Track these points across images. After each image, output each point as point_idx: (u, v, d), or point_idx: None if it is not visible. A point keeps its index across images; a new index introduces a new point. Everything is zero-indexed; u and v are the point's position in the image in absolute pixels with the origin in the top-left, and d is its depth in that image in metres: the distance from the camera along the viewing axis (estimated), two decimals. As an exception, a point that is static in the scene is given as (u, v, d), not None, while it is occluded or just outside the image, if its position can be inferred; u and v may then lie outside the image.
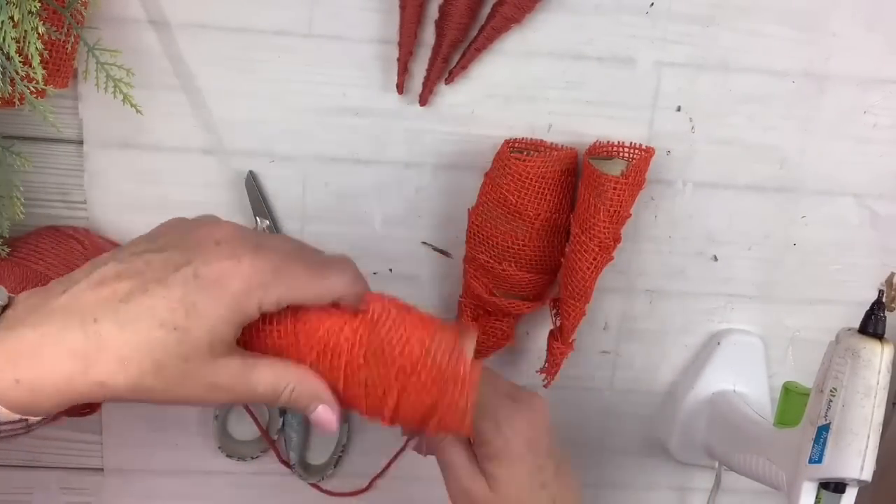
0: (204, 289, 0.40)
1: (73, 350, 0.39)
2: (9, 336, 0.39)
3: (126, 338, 0.39)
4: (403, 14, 0.57)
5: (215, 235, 0.42)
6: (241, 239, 0.42)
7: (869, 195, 0.64)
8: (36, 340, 0.39)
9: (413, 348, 0.43)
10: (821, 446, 0.50)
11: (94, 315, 0.39)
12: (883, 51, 0.61)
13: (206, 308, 0.40)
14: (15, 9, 0.46)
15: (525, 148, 0.59)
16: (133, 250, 0.42)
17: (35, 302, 0.41)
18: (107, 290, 0.40)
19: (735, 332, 0.66)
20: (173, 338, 0.39)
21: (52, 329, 0.39)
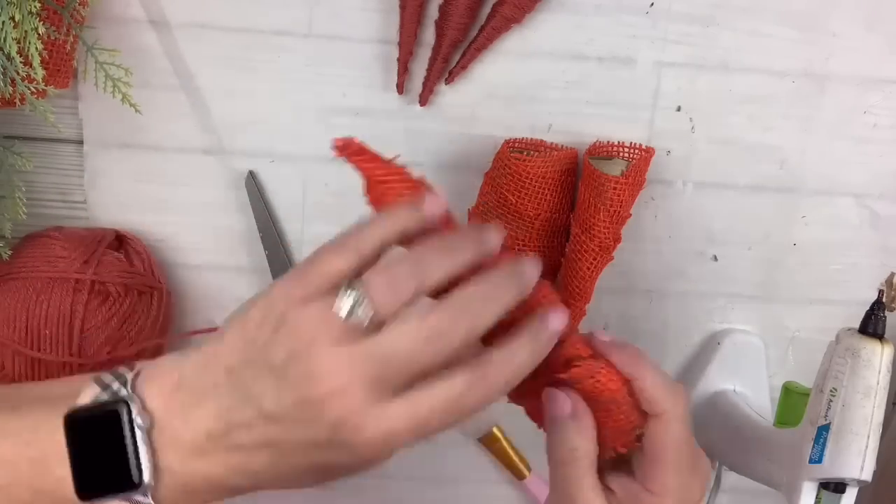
0: (338, 444, 0.37)
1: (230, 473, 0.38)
2: (179, 473, 0.38)
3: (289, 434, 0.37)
4: (403, 14, 0.57)
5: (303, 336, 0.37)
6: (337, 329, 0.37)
7: (869, 195, 0.64)
8: (201, 479, 0.38)
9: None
10: (821, 446, 0.50)
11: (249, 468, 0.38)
12: (883, 51, 0.61)
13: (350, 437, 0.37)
14: (15, 9, 0.46)
15: (525, 148, 0.59)
16: (241, 377, 0.38)
17: (180, 421, 0.38)
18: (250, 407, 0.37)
19: (735, 332, 0.66)
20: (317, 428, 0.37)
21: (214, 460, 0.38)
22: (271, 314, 0.38)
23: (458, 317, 0.37)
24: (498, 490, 0.70)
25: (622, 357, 0.42)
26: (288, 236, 0.62)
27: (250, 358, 0.38)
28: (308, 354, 0.36)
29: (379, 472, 0.69)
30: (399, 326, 0.37)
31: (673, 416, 0.42)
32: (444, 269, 0.38)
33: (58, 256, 0.55)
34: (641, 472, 0.43)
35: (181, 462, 0.38)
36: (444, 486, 0.69)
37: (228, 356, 0.38)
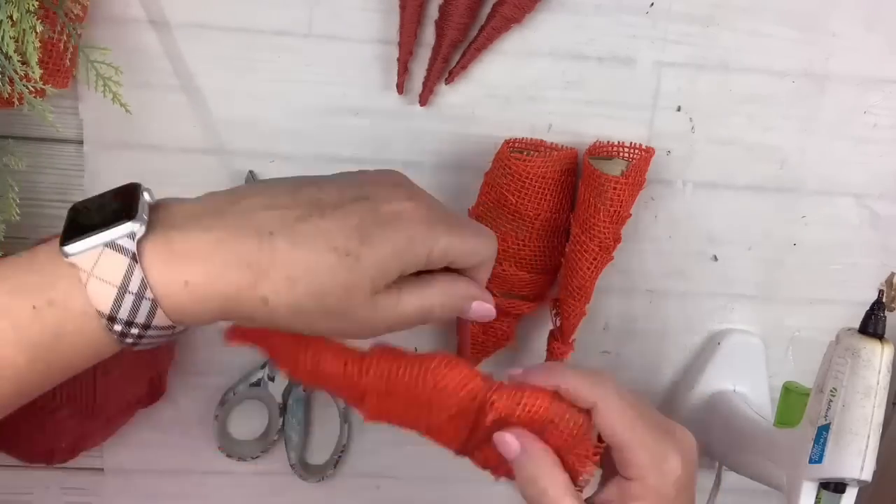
0: (382, 223, 0.39)
1: (246, 260, 0.37)
2: (178, 237, 0.38)
3: (298, 255, 0.38)
4: (403, 14, 0.57)
5: (393, 178, 0.42)
6: (418, 187, 0.42)
7: (869, 195, 0.64)
8: (210, 244, 0.38)
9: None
10: (821, 446, 0.50)
11: (270, 228, 0.38)
12: (883, 51, 0.61)
13: (381, 241, 0.39)
14: (13, 8, 0.46)
15: (525, 148, 0.59)
16: (307, 180, 0.41)
17: (198, 208, 0.40)
18: (281, 211, 0.39)
19: (735, 332, 0.66)
20: (343, 264, 0.38)
21: (226, 235, 0.38)
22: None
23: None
24: (498, 490, 0.70)
25: (538, 376, 0.43)
26: (288, 236, 0.62)
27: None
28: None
29: (379, 472, 0.69)
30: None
31: (605, 402, 0.43)
32: None
33: None
34: (619, 465, 0.43)
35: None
36: (444, 486, 0.69)
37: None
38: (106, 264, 0.36)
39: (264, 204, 0.39)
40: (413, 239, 0.40)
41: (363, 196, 0.40)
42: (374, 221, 0.39)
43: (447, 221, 0.41)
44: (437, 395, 0.43)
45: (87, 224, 0.38)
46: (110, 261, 0.36)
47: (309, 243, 0.38)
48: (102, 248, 0.37)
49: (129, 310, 0.37)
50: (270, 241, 0.38)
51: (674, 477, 0.43)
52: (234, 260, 0.37)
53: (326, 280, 0.38)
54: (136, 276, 0.37)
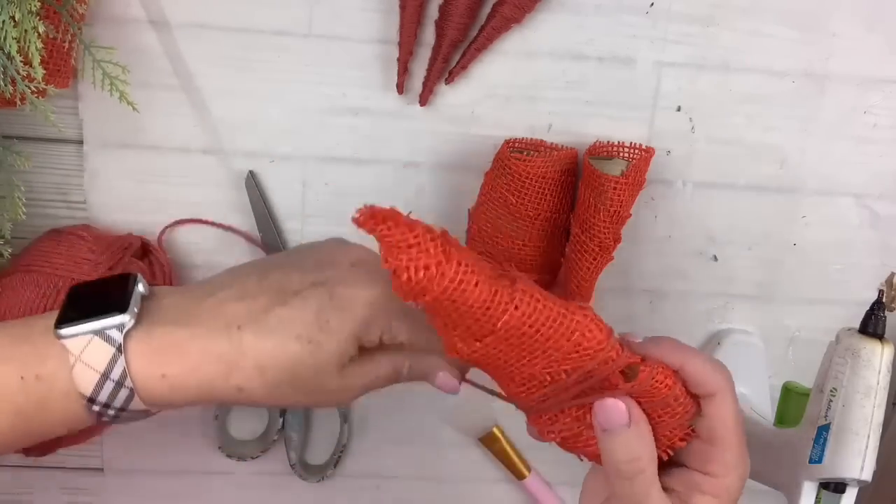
0: (338, 308, 0.42)
1: (217, 354, 0.41)
2: (159, 331, 0.41)
3: (264, 346, 0.41)
4: (403, 14, 0.57)
5: (351, 257, 0.44)
6: (377, 264, 0.41)
7: (869, 195, 0.64)
8: (185, 339, 0.41)
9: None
10: (821, 446, 0.50)
11: (238, 323, 0.41)
12: (883, 51, 0.61)
13: (337, 325, 0.41)
14: (16, 8, 0.46)
15: (525, 148, 0.59)
16: (274, 263, 0.45)
17: (180, 301, 0.43)
18: (249, 302, 0.42)
19: (735, 332, 0.66)
20: (306, 350, 0.41)
21: (200, 331, 0.41)
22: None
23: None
24: (498, 490, 0.70)
25: (664, 350, 0.42)
26: (288, 236, 0.62)
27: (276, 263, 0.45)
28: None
29: (379, 472, 0.69)
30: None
31: (726, 392, 0.42)
32: None
33: (84, 258, 0.55)
34: (699, 458, 0.42)
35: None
36: (444, 486, 0.69)
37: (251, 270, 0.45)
38: (93, 351, 0.40)
39: (235, 296, 0.43)
40: (367, 321, 0.42)
41: (322, 281, 0.42)
42: (332, 306, 0.42)
43: (406, 311, 0.43)
44: (568, 347, 0.38)
45: (82, 308, 0.41)
46: (97, 349, 0.40)
47: (274, 334, 0.41)
48: (92, 335, 0.40)
49: (108, 394, 0.40)
50: (239, 335, 0.41)
51: (742, 484, 0.44)
52: (206, 355, 0.41)
53: (293, 366, 0.41)
54: (118, 366, 0.40)
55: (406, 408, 0.66)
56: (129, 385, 0.40)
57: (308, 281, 0.42)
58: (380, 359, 0.44)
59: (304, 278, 0.43)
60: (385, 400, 0.66)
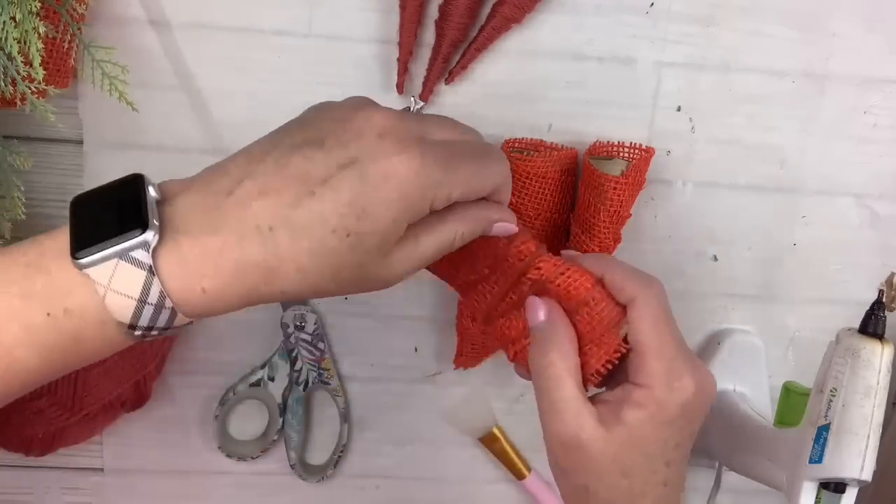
0: (374, 191, 0.38)
1: (255, 262, 0.38)
2: (188, 244, 0.37)
3: (301, 247, 0.38)
4: (403, 14, 0.57)
5: (376, 126, 0.39)
6: (406, 130, 0.39)
7: (869, 195, 0.64)
8: (217, 250, 0.37)
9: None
10: (821, 446, 0.50)
11: (268, 223, 0.38)
12: (883, 51, 0.61)
13: (377, 212, 0.38)
14: (16, 9, 0.46)
15: (525, 148, 0.59)
16: (290, 142, 0.40)
17: (200, 202, 0.39)
18: (273, 197, 0.38)
19: (735, 332, 0.66)
20: (347, 244, 0.38)
21: (231, 238, 0.38)
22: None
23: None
24: (498, 490, 0.70)
25: (590, 260, 0.44)
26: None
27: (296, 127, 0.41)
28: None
29: (379, 472, 0.69)
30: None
31: (646, 299, 0.42)
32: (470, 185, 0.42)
33: None
34: (630, 369, 0.43)
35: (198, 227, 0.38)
36: (444, 486, 0.69)
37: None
38: (123, 277, 0.36)
39: (257, 190, 0.38)
40: (409, 198, 0.39)
41: (349, 160, 0.38)
42: (366, 190, 0.38)
43: (445, 164, 0.39)
44: (493, 247, 0.44)
45: (95, 226, 0.37)
46: (127, 274, 0.36)
47: (308, 232, 0.38)
48: (118, 260, 0.36)
49: (149, 318, 0.37)
50: (272, 237, 0.38)
51: (682, 398, 0.42)
52: (243, 264, 0.38)
53: (334, 262, 0.38)
54: (154, 288, 0.37)
55: (406, 408, 0.66)
56: (168, 306, 0.37)
57: (334, 163, 0.38)
58: (426, 238, 0.41)
59: (328, 160, 0.38)
60: (385, 400, 0.66)
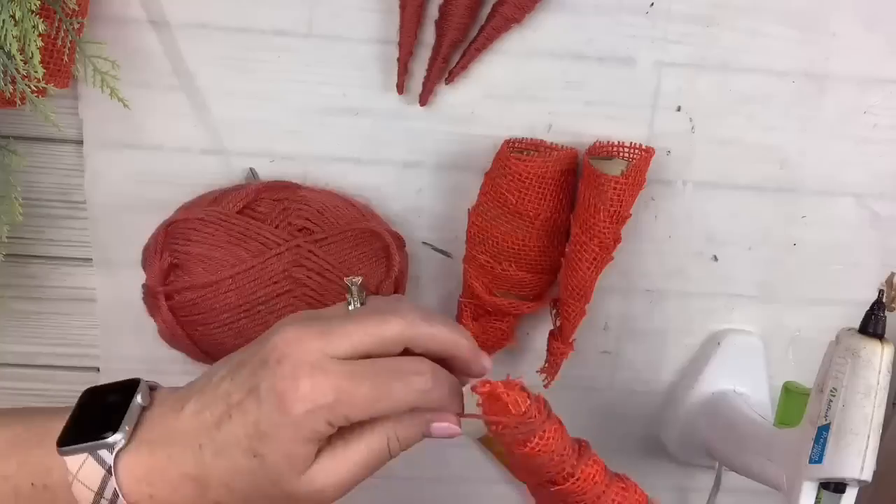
0: (269, 414, 0.40)
1: (190, 475, 0.42)
2: (145, 452, 0.42)
3: (222, 465, 0.41)
4: (403, 14, 0.57)
5: (276, 351, 0.41)
6: (303, 353, 0.41)
7: (869, 195, 0.64)
8: (164, 461, 0.42)
9: None
10: (821, 446, 0.50)
11: (199, 441, 0.42)
12: (883, 51, 0.61)
13: (274, 433, 0.40)
14: (16, 7, 0.46)
15: (525, 148, 0.59)
16: (231, 364, 0.43)
17: (165, 414, 0.43)
18: (206, 415, 0.42)
19: (735, 332, 0.66)
20: (256, 463, 0.41)
21: (175, 451, 0.42)
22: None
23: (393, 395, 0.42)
24: (498, 490, 0.70)
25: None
26: (288, 236, 0.62)
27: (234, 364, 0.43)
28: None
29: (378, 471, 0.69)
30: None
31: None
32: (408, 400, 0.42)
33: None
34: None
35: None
36: (444, 486, 0.69)
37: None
38: (87, 471, 0.42)
39: (198, 407, 0.42)
40: (302, 420, 0.40)
41: (254, 386, 0.41)
42: (263, 413, 0.40)
43: (337, 389, 0.40)
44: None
45: (87, 419, 0.43)
46: (91, 468, 0.42)
47: (225, 452, 0.41)
48: (87, 455, 0.42)
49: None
50: (202, 454, 0.42)
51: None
52: (182, 476, 0.42)
53: (252, 480, 0.41)
54: (110, 486, 0.42)
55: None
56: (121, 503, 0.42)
57: (245, 388, 0.41)
58: (355, 445, 0.42)
59: (242, 385, 0.42)
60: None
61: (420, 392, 0.42)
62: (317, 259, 0.56)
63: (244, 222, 0.56)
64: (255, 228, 0.56)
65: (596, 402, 0.68)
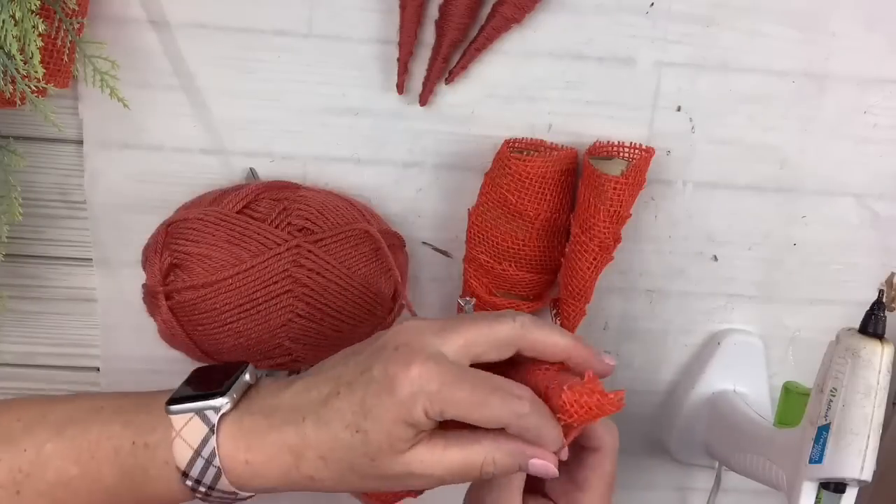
0: (377, 394, 0.42)
1: (288, 445, 0.43)
2: (248, 419, 0.44)
3: (322, 438, 0.43)
4: (403, 14, 0.57)
5: (398, 339, 0.44)
6: (421, 345, 0.43)
7: (869, 195, 0.64)
8: (265, 429, 0.44)
9: None
10: (821, 446, 0.50)
11: (302, 414, 0.44)
12: (883, 51, 0.61)
13: (378, 413, 0.42)
14: (16, 7, 0.46)
15: (525, 148, 0.59)
16: (347, 352, 0.46)
17: (270, 391, 0.46)
18: (314, 393, 0.44)
19: (735, 332, 0.66)
20: (357, 439, 0.42)
21: (277, 421, 0.44)
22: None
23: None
24: (498, 490, 0.70)
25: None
26: (288, 236, 0.62)
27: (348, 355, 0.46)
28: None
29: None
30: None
31: (610, 451, 0.46)
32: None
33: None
34: (567, 499, 0.47)
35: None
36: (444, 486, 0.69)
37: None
38: (191, 428, 0.44)
39: (305, 386, 0.45)
40: (404, 403, 0.42)
41: (368, 366, 0.43)
42: (373, 392, 0.42)
43: (441, 383, 0.42)
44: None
45: (197, 388, 0.46)
46: (195, 427, 0.44)
47: (329, 425, 0.43)
48: (193, 414, 0.44)
49: (199, 470, 0.44)
50: (303, 426, 0.43)
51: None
52: (280, 445, 0.44)
53: (348, 455, 0.43)
54: (209, 445, 0.44)
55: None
56: (216, 464, 0.44)
57: (359, 370, 0.43)
58: (454, 450, 0.43)
59: (356, 368, 0.44)
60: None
61: (515, 414, 0.42)
62: (317, 259, 0.56)
63: (244, 222, 0.56)
64: (255, 228, 0.56)
65: (596, 402, 0.68)
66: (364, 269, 0.58)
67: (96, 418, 0.45)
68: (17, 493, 0.44)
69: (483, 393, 0.42)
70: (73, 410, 0.46)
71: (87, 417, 0.45)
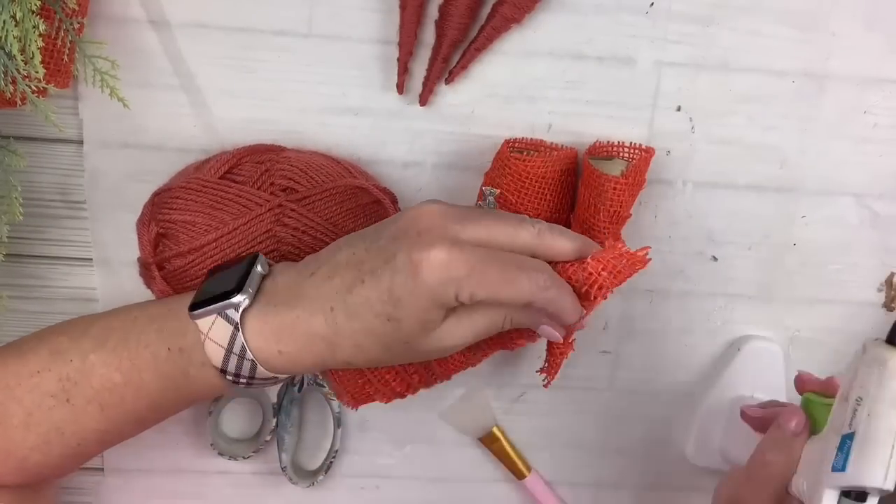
0: (404, 281, 0.43)
1: (320, 335, 0.45)
2: (272, 312, 0.46)
3: (355, 326, 0.45)
4: (403, 14, 0.57)
5: (419, 224, 0.45)
6: (443, 230, 0.44)
7: (869, 195, 0.64)
8: (292, 322, 0.46)
9: None
10: (844, 454, 0.49)
11: (330, 304, 0.45)
12: (883, 51, 0.61)
13: (408, 300, 0.44)
14: (17, 7, 0.46)
15: (525, 148, 0.59)
16: (364, 235, 0.47)
17: (290, 279, 0.47)
18: (337, 281, 0.45)
19: (754, 338, 0.66)
20: (390, 327, 0.44)
21: (303, 313, 0.45)
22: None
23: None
24: (498, 490, 0.70)
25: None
26: (288, 236, 0.62)
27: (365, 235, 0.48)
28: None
29: (378, 472, 0.69)
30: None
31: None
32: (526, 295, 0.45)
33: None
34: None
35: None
36: (444, 486, 0.69)
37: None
38: (217, 329, 0.46)
39: (327, 273, 0.46)
40: (433, 289, 0.43)
41: (392, 253, 0.44)
42: (399, 281, 0.44)
43: (470, 266, 0.44)
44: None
45: (216, 287, 0.48)
46: (220, 327, 0.46)
47: (359, 315, 0.45)
48: (216, 315, 0.46)
49: (234, 366, 0.46)
50: (333, 316, 0.45)
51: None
52: (311, 336, 0.46)
53: (383, 340, 0.45)
54: (238, 342, 0.46)
55: (406, 408, 0.66)
56: (249, 358, 0.46)
57: (382, 257, 0.44)
58: (476, 316, 0.46)
59: (379, 253, 0.45)
60: (385, 400, 0.66)
61: (540, 287, 0.45)
62: (299, 217, 0.56)
63: (225, 186, 0.56)
64: (236, 191, 0.56)
65: (596, 402, 0.68)
66: (352, 225, 0.57)
67: (132, 328, 0.48)
68: (67, 400, 0.47)
69: (511, 272, 0.44)
70: (112, 321, 0.49)
71: (123, 327, 0.48)
